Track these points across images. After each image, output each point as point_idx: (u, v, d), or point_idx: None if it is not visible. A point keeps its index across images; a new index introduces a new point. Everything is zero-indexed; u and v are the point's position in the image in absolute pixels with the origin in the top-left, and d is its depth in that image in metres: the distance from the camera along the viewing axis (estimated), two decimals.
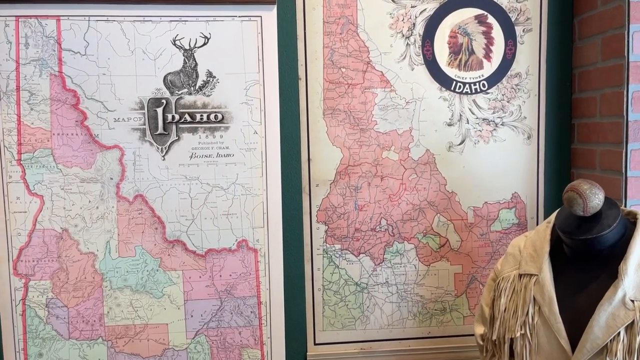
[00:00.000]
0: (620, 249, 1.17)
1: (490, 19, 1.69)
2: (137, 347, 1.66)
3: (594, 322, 1.14)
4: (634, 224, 1.20)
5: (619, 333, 1.11)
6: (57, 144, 1.58)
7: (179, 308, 1.66)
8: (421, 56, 1.69)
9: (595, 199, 1.15)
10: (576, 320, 1.18)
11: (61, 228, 1.60)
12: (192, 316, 1.67)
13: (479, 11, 1.68)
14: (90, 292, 1.63)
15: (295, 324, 1.74)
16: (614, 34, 1.52)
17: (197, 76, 1.61)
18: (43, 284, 1.61)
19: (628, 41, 1.46)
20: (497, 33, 1.70)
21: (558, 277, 1.24)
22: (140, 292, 1.65)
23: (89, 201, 1.60)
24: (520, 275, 1.29)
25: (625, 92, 1.48)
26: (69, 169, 1.59)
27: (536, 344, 1.23)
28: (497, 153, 1.73)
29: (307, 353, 1.75)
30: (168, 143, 1.62)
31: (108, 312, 1.64)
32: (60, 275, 1.61)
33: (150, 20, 1.58)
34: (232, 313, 1.68)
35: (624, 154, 1.49)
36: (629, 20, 1.46)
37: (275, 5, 1.61)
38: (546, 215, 1.76)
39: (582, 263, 1.22)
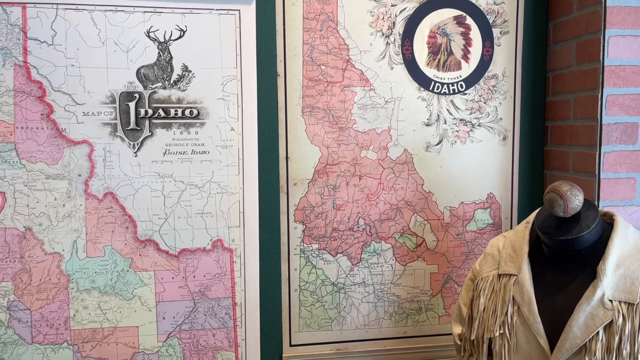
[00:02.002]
0: (598, 250, 1.19)
1: (469, 20, 1.70)
2: (105, 351, 1.59)
3: (573, 322, 1.15)
4: (611, 225, 1.23)
5: (597, 332, 1.13)
6: (21, 138, 1.49)
7: (150, 310, 1.60)
8: (400, 55, 1.68)
9: (576, 200, 1.17)
10: (555, 320, 1.20)
11: (24, 227, 1.51)
12: (164, 318, 1.61)
13: (457, 12, 1.69)
14: (55, 294, 1.55)
15: (271, 325, 1.71)
16: (590, 39, 1.55)
17: (172, 70, 1.56)
18: (4, 286, 1.52)
19: (604, 46, 1.50)
20: (475, 34, 1.71)
21: (537, 278, 1.25)
22: (109, 294, 1.58)
23: (55, 199, 1.52)
24: (499, 275, 1.30)
25: (599, 96, 1.51)
26: (34, 164, 1.50)
27: (515, 343, 1.24)
28: (473, 154, 1.75)
29: (283, 355, 1.71)
30: (140, 139, 1.56)
31: (74, 315, 1.56)
32: (23, 277, 1.52)
33: (123, 11, 1.51)
34: (205, 315, 1.64)
35: (597, 156, 1.53)
36: (604, 25, 1.49)
37: (254, 0, 1.57)
38: (520, 216, 1.78)
39: (561, 263, 1.24)
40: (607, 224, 1.24)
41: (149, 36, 1.53)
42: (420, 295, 1.77)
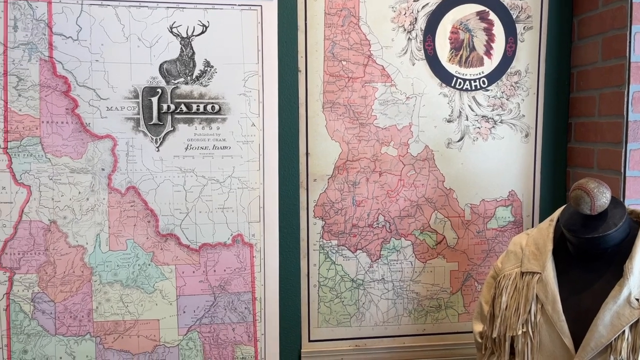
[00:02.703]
0: (625, 248, 1.18)
1: (492, 16, 1.68)
2: (127, 344, 1.61)
3: (598, 321, 1.14)
4: (638, 223, 1.21)
5: (623, 332, 1.12)
6: (46, 132, 1.51)
7: (171, 304, 1.62)
8: (422, 51, 1.67)
9: (603, 197, 1.15)
10: (580, 318, 1.18)
11: (49, 220, 1.53)
12: (184, 312, 1.63)
13: (480, 7, 1.67)
14: (78, 287, 1.57)
15: (290, 321, 1.71)
16: (615, 34, 1.52)
17: (194, 65, 1.56)
18: (29, 278, 1.54)
19: (630, 42, 1.47)
20: (498, 30, 1.69)
21: (561, 276, 1.24)
22: (131, 287, 1.59)
23: (79, 192, 1.54)
24: (522, 273, 1.29)
25: (625, 92, 1.49)
26: (59, 158, 1.53)
27: (538, 342, 1.23)
28: (495, 150, 1.73)
29: (302, 350, 1.72)
30: (163, 134, 1.57)
31: (97, 308, 1.58)
32: (47, 269, 1.55)
33: (147, 6, 1.53)
34: (225, 309, 1.64)
35: (623, 154, 1.50)
36: (631, 20, 1.46)
37: None
38: (542, 214, 1.76)
39: (586, 262, 1.22)
40: (635, 222, 1.22)
41: (171, 31, 1.54)
42: (440, 292, 1.76)
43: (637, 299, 1.12)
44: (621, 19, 1.51)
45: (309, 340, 1.72)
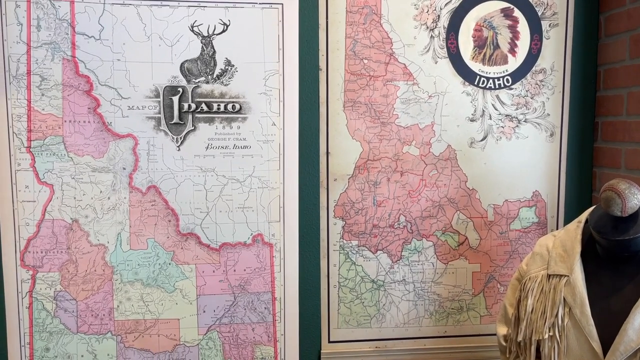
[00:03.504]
0: None
1: (517, 13, 1.65)
2: (147, 343, 1.61)
3: (628, 325, 1.11)
4: None
5: None
6: (69, 131, 1.52)
7: (191, 303, 1.62)
8: (445, 49, 1.64)
9: (634, 199, 1.12)
10: (609, 322, 1.15)
11: (71, 219, 1.54)
12: (204, 311, 1.62)
13: (505, 4, 1.64)
14: (99, 285, 1.58)
15: (310, 321, 1.70)
16: None
17: (215, 64, 1.56)
18: (51, 276, 1.55)
19: None
20: (523, 27, 1.66)
21: (590, 279, 1.21)
22: (152, 286, 1.60)
23: (101, 191, 1.55)
24: (549, 276, 1.26)
25: None
26: (81, 157, 1.53)
27: (565, 346, 1.20)
28: (519, 150, 1.70)
29: (321, 351, 1.71)
30: (183, 133, 1.57)
31: (118, 306, 1.59)
32: (70, 267, 1.56)
33: (168, 5, 1.52)
34: (245, 309, 1.64)
35: None
36: None
37: None
38: (567, 215, 1.73)
39: (615, 264, 1.19)
40: None
41: (192, 30, 1.54)
42: (462, 294, 1.73)
43: None
44: None
45: (329, 341, 1.71)
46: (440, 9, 1.63)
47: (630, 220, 1.15)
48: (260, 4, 1.56)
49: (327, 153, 1.66)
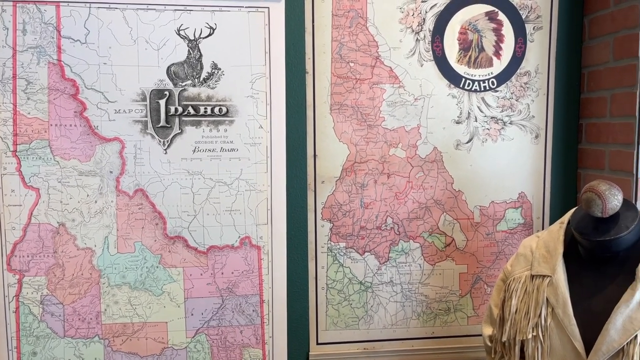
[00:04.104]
0: (637, 251, 1.16)
1: (501, 16, 1.66)
2: (135, 346, 1.61)
3: (610, 325, 1.12)
4: None
5: (635, 336, 1.10)
6: (55, 135, 1.52)
7: (179, 306, 1.62)
8: (431, 52, 1.66)
9: (615, 200, 1.13)
10: (591, 322, 1.17)
11: (58, 222, 1.54)
12: (192, 314, 1.62)
13: (489, 7, 1.66)
14: (87, 289, 1.57)
15: (298, 323, 1.71)
16: (627, 34, 1.50)
17: (201, 68, 1.56)
18: (38, 280, 1.55)
19: None
20: (508, 30, 1.67)
21: (572, 279, 1.22)
22: (139, 290, 1.60)
23: (87, 195, 1.55)
24: (532, 276, 1.27)
25: (638, 93, 1.47)
26: (67, 161, 1.53)
27: (548, 346, 1.21)
28: (504, 152, 1.71)
29: (310, 352, 1.71)
30: (170, 136, 1.57)
31: (105, 310, 1.59)
32: (56, 271, 1.55)
33: (154, 9, 1.53)
34: (233, 311, 1.64)
35: (635, 155, 1.48)
36: None
37: None
38: (552, 216, 1.74)
39: (597, 265, 1.21)
40: None
41: (179, 34, 1.54)
42: (449, 295, 1.74)
43: None
44: (633, 19, 1.48)
45: (317, 343, 1.72)
46: (426, 12, 1.64)
47: (611, 221, 1.17)
48: (246, 7, 1.56)
49: (315, 155, 1.66)
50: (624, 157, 1.52)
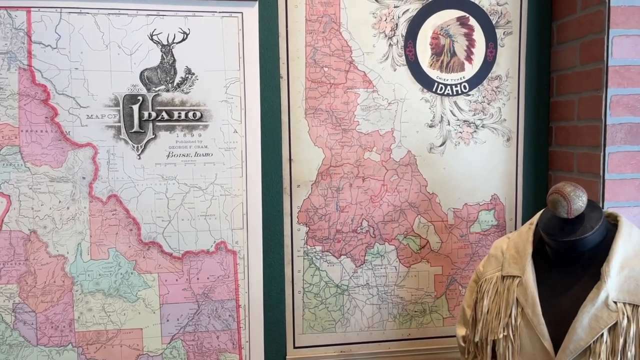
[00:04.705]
0: (602, 251, 1.19)
1: (472, 21, 1.69)
2: (110, 354, 1.59)
3: (577, 324, 1.14)
4: (615, 226, 1.22)
5: (602, 334, 1.12)
6: (26, 141, 1.50)
7: (154, 312, 1.61)
8: (403, 57, 1.68)
9: (579, 201, 1.16)
10: (559, 321, 1.19)
11: (29, 229, 1.52)
12: (168, 320, 1.62)
13: (460, 13, 1.69)
14: (59, 297, 1.56)
15: (275, 327, 1.71)
16: (593, 39, 1.54)
17: (175, 73, 1.56)
18: (9, 288, 1.52)
19: (608, 46, 1.49)
20: (479, 35, 1.70)
21: (541, 279, 1.24)
22: (113, 296, 1.58)
23: (59, 201, 1.53)
24: (503, 277, 1.30)
25: (603, 96, 1.50)
26: (38, 167, 1.51)
27: (519, 345, 1.23)
28: (477, 155, 1.74)
29: (287, 356, 1.71)
30: (144, 141, 1.56)
31: (79, 317, 1.57)
32: (28, 279, 1.53)
33: (126, 14, 1.52)
34: (209, 317, 1.64)
35: (601, 157, 1.52)
36: (609, 25, 1.48)
37: (257, 2, 1.57)
38: (525, 217, 1.77)
39: (564, 265, 1.23)
40: (612, 225, 1.23)
41: (152, 39, 1.54)
42: (425, 297, 1.76)
43: (615, 302, 1.13)
44: (599, 24, 1.52)
45: (294, 347, 1.72)
46: (398, 17, 1.66)
47: (576, 222, 1.19)
48: (219, 12, 1.57)
49: (290, 160, 1.67)
50: (591, 159, 1.56)
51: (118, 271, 1.57)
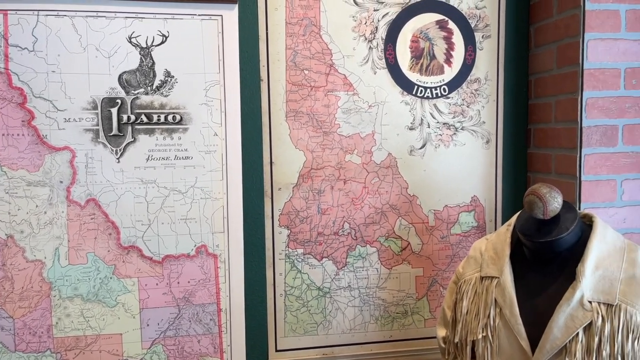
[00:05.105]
0: (577, 251, 1.20)
1: (451, 25, 1.71)
2: (89, 359, 1.57)
3: (553, 323, 1.16)
4: (590, 227, 1.24)
5: (577, 334, 1.13)
6: (2, 145, 1.48)
7: (134, 317, 1.59)
8: (384, 60, 1.69)
9: (555, 202, 1.17)
10: (536, 321, 1.20)
11: (6, 234, 1.50)
12: (148, 325, 1.60)
13: (440, 16, 1.70)
14: (37, 302, 1.53)
15: (256, 331, 1.70)
16: (569, 42, 1.57)
17: (154, 75, 1.55)
18: None
19: (583, 49, 1.51)
20: (458, 39, 1.72)
21: (518, 280, 1.25)
22: (92, 301, 1.57)
23: (37, 206, 1.51)
24: (481, 278, 1.31)
25: (579, 99, 1.53)
26: (15, 171, 1.49)
27: (497, 345, 1.24)
28: (457, 157, 1.75)
29: None
30: (123, 145, 1.55)
31: (57, 323, 1.55)
32: (5, 285, 1.51)
33: (104, 16, 1.51)
34: (190, 321, 1.63)
35: (578, 159, 1.54)
36: (584, 28, 1.50)
37: (237, 5, 1.57)
38: (504, 218, 1.79)
39: (541, 265, 1.25)
40: (587, 226, 1.24)
41: (130, 42, 1.53)
42: (406, 298, 1.77)
43: (590, 301, 1.14)
44: (574, 27, 1.55)
45: (276, 350, 1.71)
46: (378, 20, 1.67)
47: (552, 223, 1.21)
48: (199, 15, 1.56)
49: (271, 162, 1.67)
50: (568, 161, 1.58)
51: (97, 276, 1.56)
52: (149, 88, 1.55)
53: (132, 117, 1.55)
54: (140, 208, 1.57)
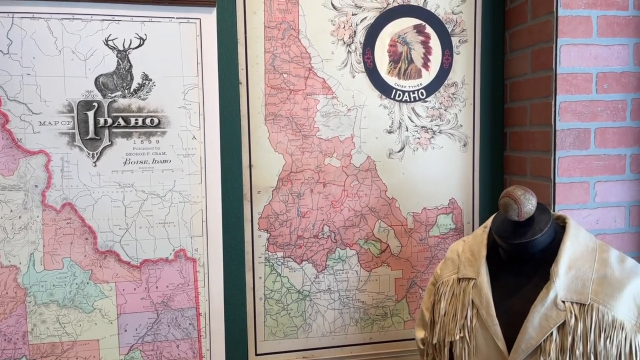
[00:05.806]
0: (551, 252, 1.22)
1: (428, 29, 1.73)
2: None
3: (528, 323, 1.18)
4: (563, 228, 1.26)
5: (551, 333, 1.15)
6: None
7: (111, 322, 1.57)
8: (362, 64, 1.70)
9: (529, 204, 1.20)
10: (512, 322, 1.22)
11: None
12: (125, 330, 1.58)
13: (417, 21, 1.72)
14: (12, 309, 1.51)
15: (236, 335, 1.70)
16: (543, 47, 1.60)
17: (131, 78, 1.54)
18: None
19: (556, 54, 1.54)
20: (435, 43, 1.74)
21: (495, 281, 1.27)
22: (69, 307, 1.54)
23: (11, 210, 1.49)
24: (459, 279, 1.32)
25: (553, 103, 1.56)
26: None
27: (474, 346, 1.26)
28: (435, 160, 1.77)
29: None
30: (100, 148, 1.53)
31: (32, 330, 1.52)
32: None
33: (80, 19, 1.49)
34: (169, 326, 1.61)
35: (552, 161, 1.57)
36: (557, 34, 1.54)
37: (215, 8, 1.57)
38: (481, 220, 1.82)
39: (517, 266, 1.27)
40: (560, 227, 1.27)
41: (107, 44, 1.51)
42: (386, 300, 1.78)
43: (564, 301, 1.16)
44: (548, 33, 1.58)
45: (256, 354, 1.71)
46: (356, 25, 1.69)
47: (527, 225, 1.23)
48: (177, 18, 1.56)
49: (250, 166, 1.67)
50: (542, 163, 1.61)
51: (73, 281, 1.54)
52: (126, 91, 1.54)
53: (109, 121, 1.53)
54: (117, 212, 1.55)
